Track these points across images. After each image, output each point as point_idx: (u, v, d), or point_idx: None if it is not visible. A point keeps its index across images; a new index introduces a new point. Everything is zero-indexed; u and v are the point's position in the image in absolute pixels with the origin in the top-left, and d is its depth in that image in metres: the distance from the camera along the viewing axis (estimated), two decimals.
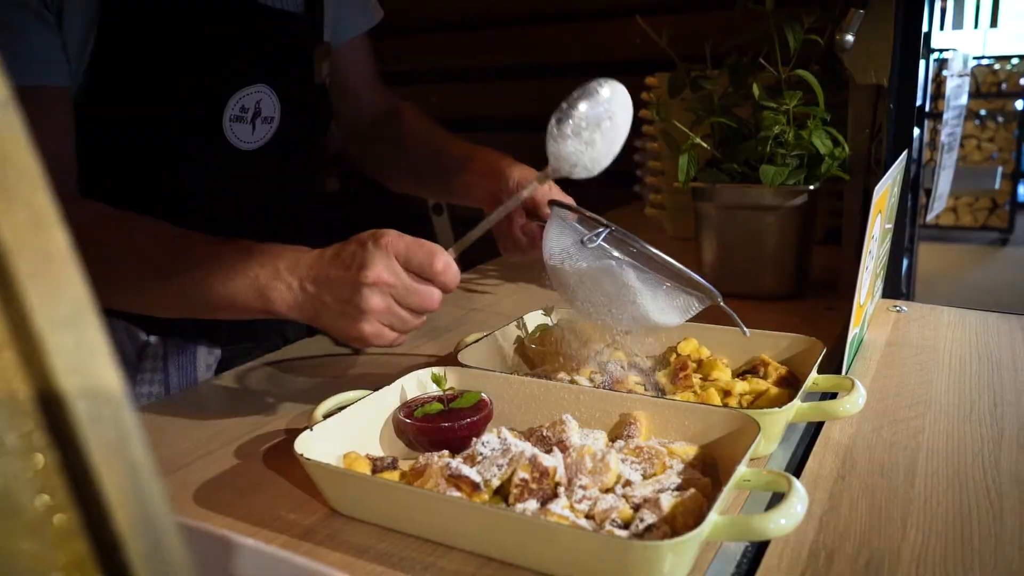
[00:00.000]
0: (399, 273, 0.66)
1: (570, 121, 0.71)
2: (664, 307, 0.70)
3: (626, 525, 0.52)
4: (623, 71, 0.85)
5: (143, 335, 0.94)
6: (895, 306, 1.04)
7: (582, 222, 0.72)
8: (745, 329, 0.74)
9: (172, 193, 0.90)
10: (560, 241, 0.72)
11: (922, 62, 1.04)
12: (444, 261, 0.67)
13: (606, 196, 1.62)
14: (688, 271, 0.68)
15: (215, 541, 0.40)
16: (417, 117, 1.11)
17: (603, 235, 0.69)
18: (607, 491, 0.55)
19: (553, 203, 0.75)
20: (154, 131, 0.85)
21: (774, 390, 0.71)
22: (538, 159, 0.92)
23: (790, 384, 0.73)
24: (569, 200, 0.79)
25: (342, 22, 1.05)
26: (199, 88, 0.85)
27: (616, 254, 0.69)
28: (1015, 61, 4.87)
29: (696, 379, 0.73)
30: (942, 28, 1.09)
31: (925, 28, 1.03)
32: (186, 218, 0.76)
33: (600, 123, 0.71)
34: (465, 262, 1.35)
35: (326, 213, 1.15)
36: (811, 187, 1.03)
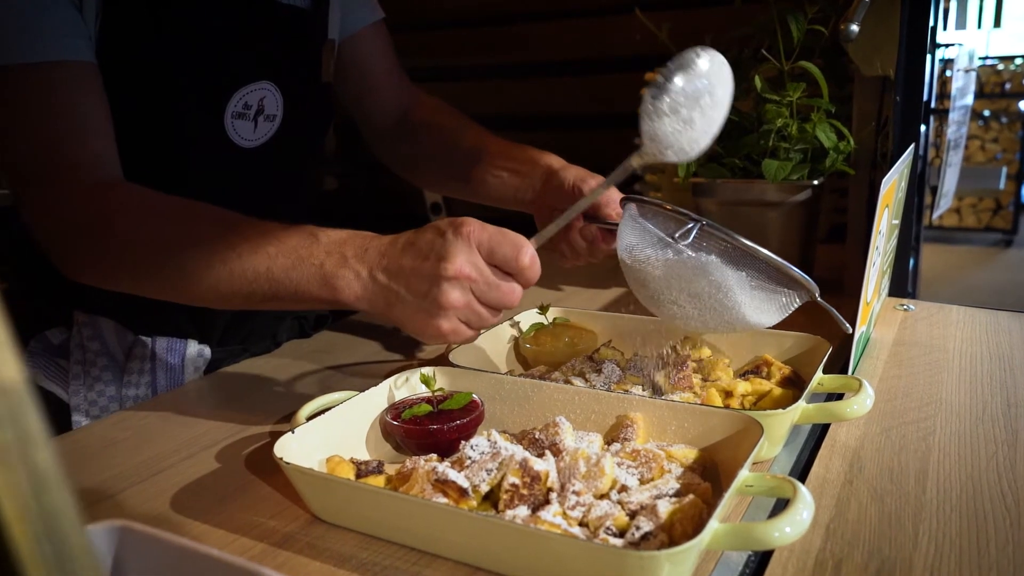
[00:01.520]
0: (481, 267, 0.62)
1: (666, 97, 0.62)
2: (761, 306, 0.65)
3: (621, 533, 0.49)
4: (622, 68, 0.83)
5: (130, 335, 0.92)
6: (902, 304, 1.01)
7: (663, 217, 0.67)
8: (847, 324, 0.67)
9: (169, 189, 0.87)
10: (641, 238, 0.66)
11: (928, 57, 1.01)
12: (530, 255, 0.63)
13: None
14: (787, 264, 0.63)
15: (175, 551, 0.37)
16: (446, 111, 1.06)
17: (695, 230, 0.64)
18: (602, 497, 0.52)
19: (628, 199, 0.70)
20: (155, 126, 0.82)
21: (778, 391, 0.68)
22: None
23: (794, 384, 0.70)
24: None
25: (349, 15, 1.01)
26: (202, 83, 0.83)
27: (710, 250, 0.64)
28: (1019, 61, 4.84)
29: (696, 379, 0.70)
30: (945, 28, 1.06)
31: (931, 23, 1.00)
32: None
33: (699, 99, 0.62)
34: None
35: (323, 212, 1.13)
36: (815, 182, 1.00)
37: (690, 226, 0.64)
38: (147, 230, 0.71)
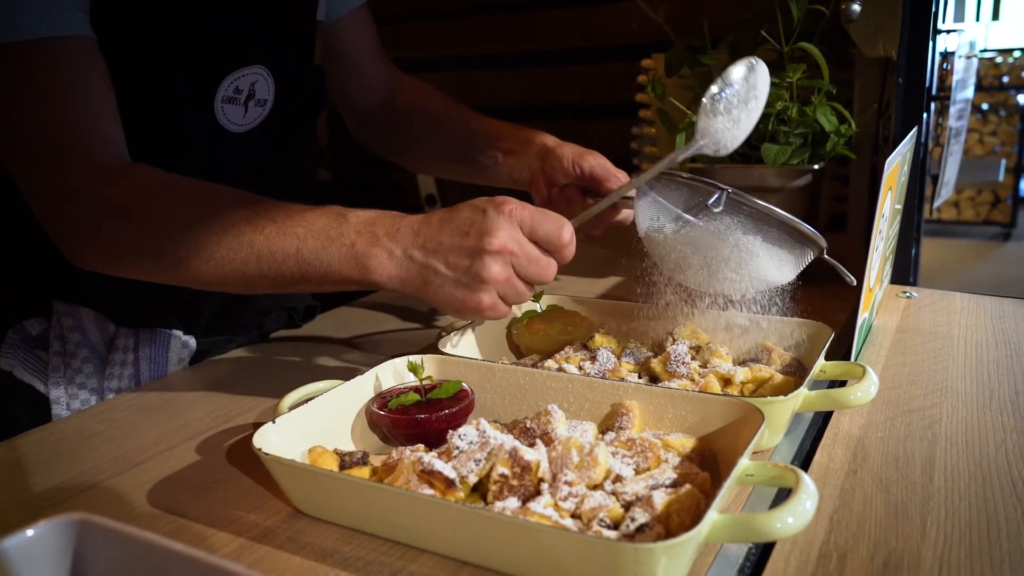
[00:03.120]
0: (523, 242, 0.63)
1: (724, 98, 0.70)
2: (781, 263, 0.69)
3: (616, 525, 0.47)
4: (619, 56, 0.81)
5: (112, 326, 0.89)
6: (904, 292, 0.99)
7: (692, 191, 0.71)
8: (851, 277, 0.71)
9: None
10: (660, 211, 0.71)
11: (930, 43, 0.99)
12: (571, 232, 0.65)
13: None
14: (799, 221, 0.68)
15: (138, 546, 0.34)
16: (436, 95, 1.06)
17: (724, 198, 0.68)
18: (595, 488, 0.50)
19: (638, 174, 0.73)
20: (144, 110, 0.80)
21: (779, 378, 0.66)
22: None
23: (796, 371, 0.68)
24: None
25: None
26: (193, 67, 0.80)
27: (732, 215, 0.69)
28: (1017, 54, 4.81)
29: (694, 366, 0.68)
30: (944, 20, 1.05)
31: (932, 8, 0.97)
32: None
33: (748, 102, 0.71)
34: None
35: (317, 204, 1.10)
36: (816, 166, 0.98)
37: (719, 194, 0.69)
38: (167, 213, 0.69)
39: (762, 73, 0.72)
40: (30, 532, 0.35)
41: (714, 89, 0.70)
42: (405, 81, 1.08)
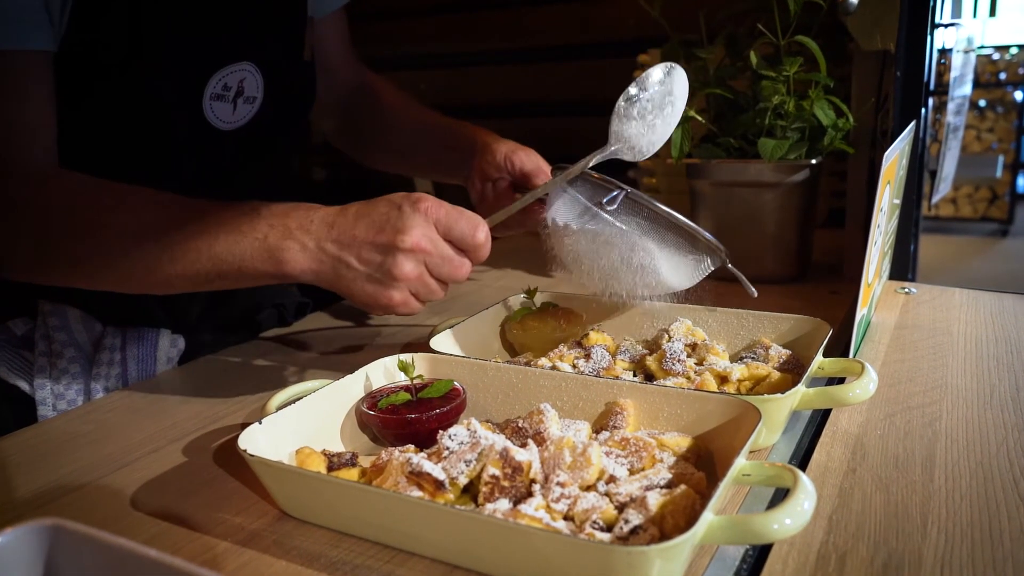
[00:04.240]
0: (437, 241, 0.63)
1: (638, 103, 0.70)
2: (677, 269, 0.69)
3: (609, 527, 0.45)
4: (615, 52, 0.79)
5: (99, 325, 0.88)
6: (903, 288, 0.98)
7: (596, 188, 0.69)
8: (752, 290, 0.71)
9: (145, 173, 0.83)
10: (569, 208, 0.70)
11: (928, 37, 0.97)
12: (485, 232, 0.65)
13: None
14: (701, 230, 0.67)
15: (112, 553, 0.33)
16: (394, 92, 1.07)
17: (620, 197, 0.67)
18: (588, 489, 0.49)
19: (558, 168, 0.72)
20: (130, 107, 0.78)
21: (776, 375, 0.65)
22: (534, 147, 0.87)
23: (793, 369, 0.66)
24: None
25: None
26: (181, 64, 0.79)
27: (630, 216, 0.68)
28: (1014, 51, 4.81)
29: (690, 363, 0.67)
30: (941, 16, 1.04)
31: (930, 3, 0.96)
32: None
33: (664, 108, 0.71)
34: None
35: (310, 202, 1.10)
36: (813, 161, 0.97)
37: (616, 193, 0.68)
38: (84, 219, 0.69)
39: (679, 79, 0.71)
40: (0, 539, 0.34)
41: (631, 91, 0.70)
42: (368, 77, 1.09)
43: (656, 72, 0.71)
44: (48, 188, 0.70)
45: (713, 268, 0.70)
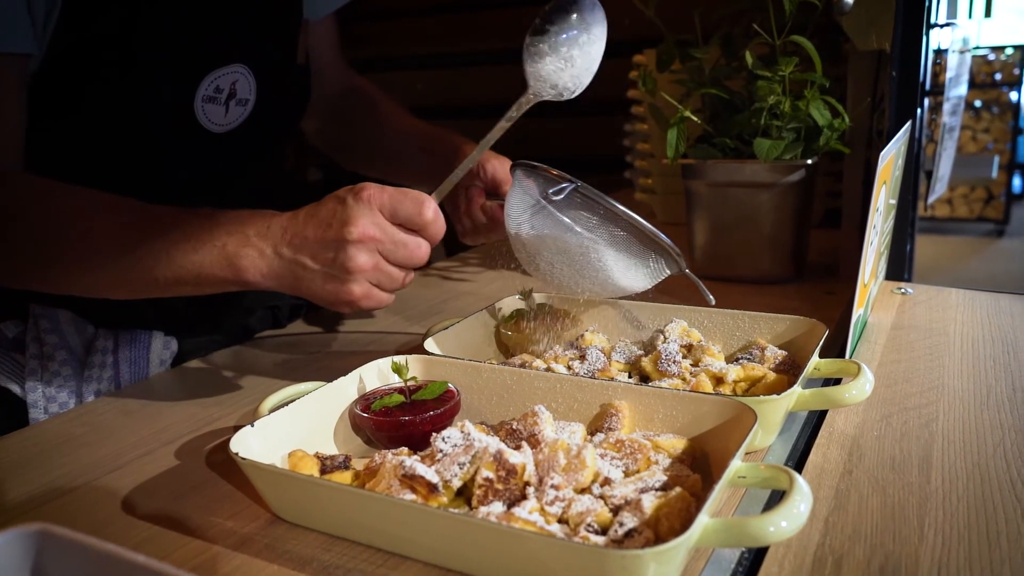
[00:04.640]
0: (385, 227, 0.62)
1: (546, 37, 0.67)
2: (631, 271, 0.67)
3: (603, 530, 0.45)
4: (610, 52, 0.79)
5: (91, 327, 0.87)
6: (899, 288, 0.97)
7: (548, 182, 0.67)
8: (710, 297, 0.70)
9: (136, 176, 0.83)
10: (523, 204, 0.68)
11: (923, 37, 0.97)
12: (433, 208, 0.64)
13: (594, 183, 1.56)
14: (658, 232, 0.65)
15: (99, 558, 0.33)
16: (387, 96, 1.08)
17: (568, 190, 0.65)
18: (583, 491, 0.48)
19: (517, 165, 0.70)
20: (121, 110, 0.78)
21: (772, 376, 0.64)
22: (529, 149, 0.87)
23: (789, 369, 0.66)
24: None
25: None
26: (173, 66, 0.78)
27: (582, 213, 0.65)
28: (1009, 51, 4.82)
29: (685, 364, 0.66)
30: (936, 17, 1.04)
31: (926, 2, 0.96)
32: (150, 202, 0.70)
33: (579, 38, 0.67)
34: (447, 248, 1.28)
35: (303, 203, 1.09)
36: (809, 161, 0.96)
37: (563, 186, 0.66)
38: (40, 223, 0.68)
39: (589, 4, 0.68)
40: None
41: (536, 22, 0.67)
42: (355, 80, 1.09)
43: (558, 3, 0.67)
44: (3, 189, 0.69)
45: (671, 273, 0.68)
